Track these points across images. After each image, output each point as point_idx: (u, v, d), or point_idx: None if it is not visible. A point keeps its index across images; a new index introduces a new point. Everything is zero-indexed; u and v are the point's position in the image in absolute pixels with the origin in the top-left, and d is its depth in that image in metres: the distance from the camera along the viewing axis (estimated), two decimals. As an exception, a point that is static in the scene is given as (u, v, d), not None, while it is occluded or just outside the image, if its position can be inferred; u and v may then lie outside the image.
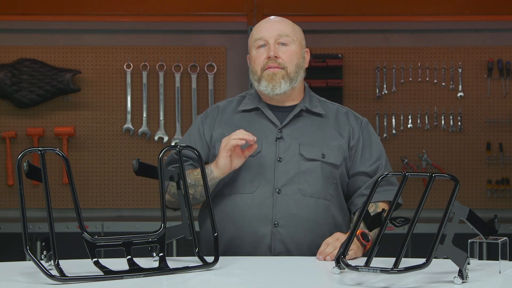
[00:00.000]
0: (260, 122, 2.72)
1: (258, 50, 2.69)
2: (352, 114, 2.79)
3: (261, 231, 2.62)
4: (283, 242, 2.62)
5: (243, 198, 2.65)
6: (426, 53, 5.37)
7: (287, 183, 2.64)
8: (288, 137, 2.69)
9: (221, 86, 5.38)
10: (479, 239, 2.18)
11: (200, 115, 2.84)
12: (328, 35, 5.40)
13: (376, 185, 2.20)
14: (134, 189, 5.37)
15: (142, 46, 5.38)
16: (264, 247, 2.62)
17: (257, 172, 2.65)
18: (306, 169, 2.66)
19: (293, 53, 2.68)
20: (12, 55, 5.33)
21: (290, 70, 2.67)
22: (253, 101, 2.76)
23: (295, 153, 2.67)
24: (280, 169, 2.65)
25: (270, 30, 2.69)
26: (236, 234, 2.63)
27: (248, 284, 2.12)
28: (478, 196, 5.35)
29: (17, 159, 2.05)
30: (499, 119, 5.34)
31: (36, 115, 5.34)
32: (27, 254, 2.03)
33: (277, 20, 2.74)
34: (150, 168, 2.30)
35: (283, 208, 2.63)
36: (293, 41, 2.69)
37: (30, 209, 5.08)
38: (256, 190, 2.64)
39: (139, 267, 2.13)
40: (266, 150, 2.67)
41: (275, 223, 2.62)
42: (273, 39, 2.67)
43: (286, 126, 2.70)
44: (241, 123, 2.72)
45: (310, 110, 2.74)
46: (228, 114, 2.77)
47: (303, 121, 2.72)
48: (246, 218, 2.63)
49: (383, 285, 2.02)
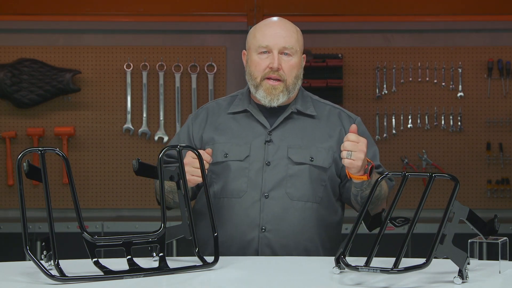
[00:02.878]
0: (250, 125, 2.71)
1: (260, 56, 2.66)
2: (345, 114, 2.76)
3: (248, 236, 2.62)
4: (270, 246, 2.62)
5: (231, 202, 2.65)
6: (426, 53, 5.37)
7: (275, 187, 2.63)
8: (277, 140, 2.67)
9: (221, 86, 5.37)
10: (479, 239, 2.18)
11: (191, 115, 2.82)
12: (328, 35, 5.39)
13: (376, 185, 2.20)
14: (134, 189, 5.37)
15: (142, 46, 5.38)
16: (251, 251, 2.63)
17: (245, 176, 2.64)
18: (293, 173, 2.65)
19: (294, 65, 2.66)
20: (12, 55, 5.33)
21: (289, 82, 2.65)
22: (243, 103, 2.74)
23: (283, 157, 2.66)
24: (268, 173, 2.64)
25: (275, 38, 2.64)
26: (224, 238, 2.62)
27: (248, 284, 2.11)
28: (478, 196, 5.35)
29: (17, 159, 2.04)
30: (499, 119, 5.34)
31: (36, 115, 5.34)
32: (27, 254, 2.03)
33: (282, 26, 2.68)
34: (150, 168, 2.30)
35: (270, 212, 2.62)
36: (295, 52, 2.66)
37: (30, 209, 5.07)
38: (244, 195, 2.64)
39: (139, 267, 2.13)
40: (255, 154, 2.66)
41: (262, 228, 2.62)
42: (277, 50, 2.64)
43: (276, 129, 2.69)
44: (230, 128, 2.71)
45: (302, 112, 2.72)
46: (218, 116, 2.75)
47: (293, 123, 2.70)
48: (234, 223, 2.63)
49: (383, 285, 2.02)
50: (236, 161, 2.65)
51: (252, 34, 2.71)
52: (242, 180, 2.64)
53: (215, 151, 2.67)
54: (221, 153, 2.68)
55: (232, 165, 2.66)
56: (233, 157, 2.66)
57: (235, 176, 2.65)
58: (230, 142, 2.69)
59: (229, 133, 2.71)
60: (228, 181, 2.65)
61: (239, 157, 2.66)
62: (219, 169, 2.68)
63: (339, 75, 5.31)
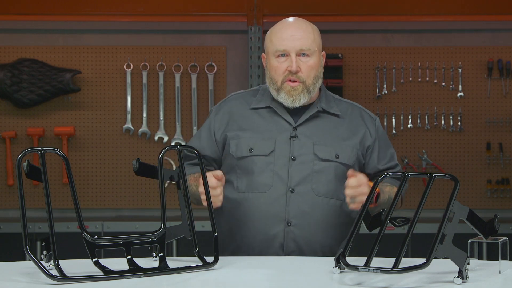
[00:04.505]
0: (274, 120, 2.71)
1: (278, 59, 2.66)
2: (366, 114, 2.79)
3: (273, 230, 2.62)
4: (296, 241, 2.62)
5: (256, 196, 2.64)
6: (426, 53, 5.37)
7: (301, 182, 2.64)
8: (302, 136, 2.68)
9: (221, 86, 5.37)
10: (479, 239, 2.18)
11: (213, 110, 2.81)
12: (328, 35, 5.39)
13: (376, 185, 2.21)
14: (134, 189, 5.37)
15: (142, 46, 5.38)
16: (276, 246, 2.62)
17: (271, 170, 2.65)
18: (319, 169, 2.66)
19: (313, 66, 2.66)
20: (12, 55, 5.33)
21: (309, 83, 2.66)
22: (266, 99, 2.74)
23: (309, 152, 2.66)
24: (294, 168, 2.65)
25: (292, 41, 2.64)
26: (248, 232, 2.63)
27: (247, 284, 2.12)
28: (478, 196, 5.35)
29: (17, 159, 2.04)
30: (499, 119, 5.34)
31: (36, 115, 5.34)
32: (27, 254, 2.03)
33: (297, 28, 2.67)
34: (150, 168, 2.30)
35: (296, 207, 2.63)
36: (313, 52, 2.66)
37: (30, 209, 5.07)
38: (269, 189, 2.64)
39: (139, 267, 2.13)
40: (280, 149, 2.66)
41: (287, 222, 2.62)
42: (294, 52, 2.64)
43: (301, 125, 2.70)
44: (255, 122, 2.71)
45: (327, 111, 2.74)
46: (241, 111, 2.75)
47: (318, 121, 2.72)
48: (259, 216, 2.63)
49: (383, 285, 2.02)
50: (261, 155, 2.66)
51: (268, 39, 2.71)
52: (267, 175, 2.64)
53: (239, 146, 2.68)
54: (246, 148, 2.68)
55: (257, 160, 2.66)
56: (258, 152, 2.67)
57: (261, 171, 2.65)
58: (254, 136, 2.69)
59: (253, 128, 2.71)
60: (253, 176, 2.65)
61: (264, 151, 2.66)
62: (244, 163, 2.67)
63: (339, 75, 5.31)
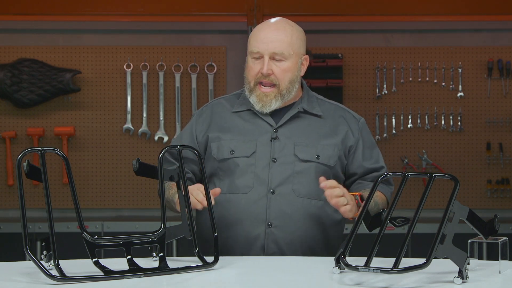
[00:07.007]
0: (255, 122, 2.71)
1: (253, 61, 2.66)
2: (350, 115, 2.77)
3: (254, 232, 2.63)
4: (276, 242, 2.63)
5: (237, 198, 2.65)
6: (426, 53, 5.37)
7: (281, 184, 2.64)
8: (283, 137, 2.68)
9: (221, 86, 5.38)
10: (479, 239, 2.18)
11: (196, 113, 2.82)
12: (328, 35, 5.39)
13: (376, 185, 2.20)
14: (134, 189, 5.37)
15: (142, 46, 5.38)
16: (257, 247, 2.63)
17: (251, 172, 2.65)
18: (300, 170, 2.66)
19: (287, 69, 2.64)
20: (12, 55, 5.33)
21: (283, 87, 2.65)
22: (247, 102, 2.72)
23: (290, 154, 2.66)
24: (275, 169, 2.65)
25: (266, 43, 2.62)
26: (229, 233, 2.63)
27: (247, 284, 2.12)
28: (478, 196, 5.36)
29: (17, 159, 2.04)
30: (499, 119, 5.34)
31: (36, 115, 5.34)
32: (27, 254, 2.03)
33: (274, 30, 2.65)
34: (150, 168, 2.30)
35: (277, 208, 2.63)
36: (289, 56, 2.63)
37: (30, 209, 5.07)
38: (250, 191, 2.64)
39: (139, 267, 2.13)
40: (261, 150, 2.66)
41: (268, 223, 2.62)
42: (268, 54, 2.62)
43: (282, 127, 2.69)
44: (236, 125, 2.71)
45: (308, 111, 2.73)
46: (223, 114, 2.75)
47: (299, 121, 2.71)
48: (240, 218, 2.63)
49: (383, 285, 2.02)
50: (243, 157, 2.66)
51: (249, 39, 2.71)
52: (248, 176, 2.65)
53: (221, 148, 2.68)
54: (228, 150, 2.68)
55: (238, 162, 2.66)
56: (239, 154, 2.67)
57: (242, 172, 2.65)
58: (236, 138, 2.69)
59: (234, 130, 2.71)
60: (234, 178, 2.66)
61: (246, 153, 2.66)
62: (226, 166, 2.68)
63: (339, 75, 5.31)
